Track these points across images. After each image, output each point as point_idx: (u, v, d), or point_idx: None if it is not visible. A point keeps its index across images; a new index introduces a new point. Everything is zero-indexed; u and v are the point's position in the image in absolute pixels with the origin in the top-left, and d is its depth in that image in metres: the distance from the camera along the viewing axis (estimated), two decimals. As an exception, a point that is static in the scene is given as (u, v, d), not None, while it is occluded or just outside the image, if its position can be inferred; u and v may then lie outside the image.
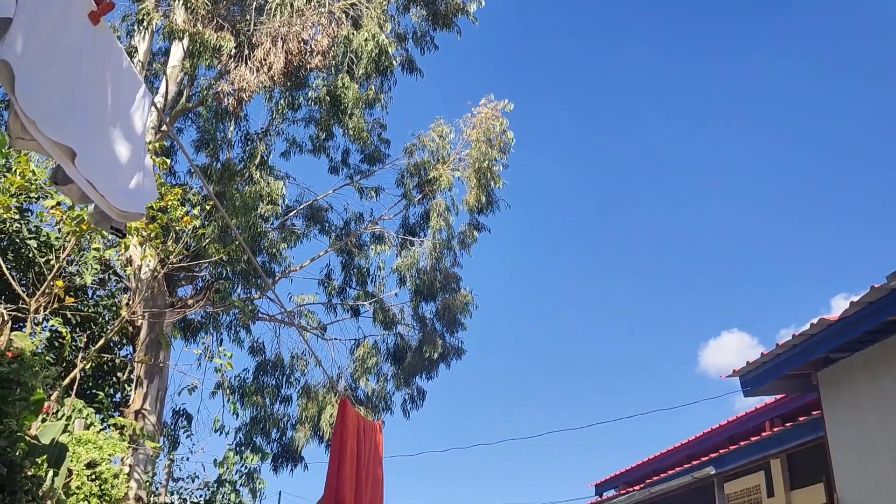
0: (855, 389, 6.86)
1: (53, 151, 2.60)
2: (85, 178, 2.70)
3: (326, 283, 17.22)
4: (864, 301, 6.21)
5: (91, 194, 2.76)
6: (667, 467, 12.79)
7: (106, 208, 2.90)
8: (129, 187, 2.96)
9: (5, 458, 4.67)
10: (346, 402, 6.52)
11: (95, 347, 10.10)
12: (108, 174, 2.84)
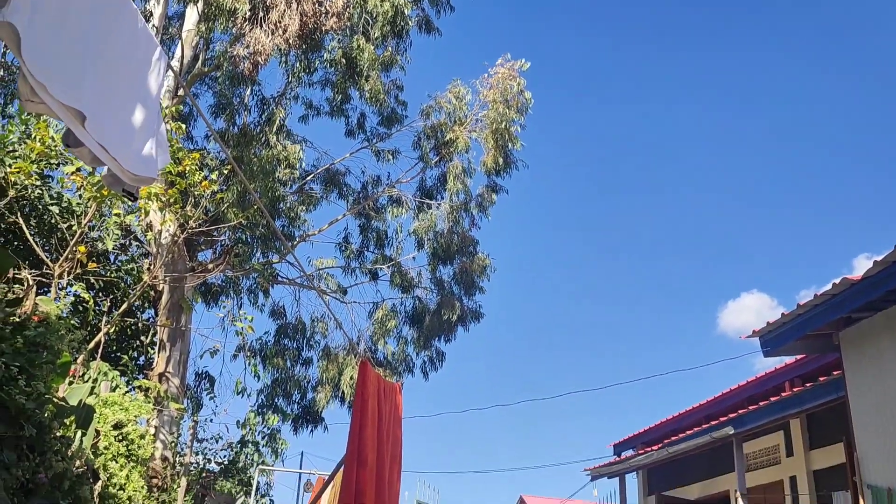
0: (877, 349, 6.82)
1: (63, 114, 2.59)
2: (97, 141, 2.70)
3: (344, 246, 17.28)
4: (888, 260, 6.14)
5: (103, 157, 2.76)
6: (685, 427, 12.84)
7: (118, 172, 2.89)
8: (142, 152, 2.95)
9: (34, 419, 4.76)
10: (366, 363, 6.57)
11: (119, 311, 10.23)
12: (121, 138, 2.83)
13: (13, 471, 4.41)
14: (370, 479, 6.04)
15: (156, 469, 10.95)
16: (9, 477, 4.32)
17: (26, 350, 4.88)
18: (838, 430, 9.60)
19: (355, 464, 5.99)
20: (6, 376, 4.51)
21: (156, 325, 12.42)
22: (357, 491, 5.91)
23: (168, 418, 11.60)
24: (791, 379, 10.98)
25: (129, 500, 7.74)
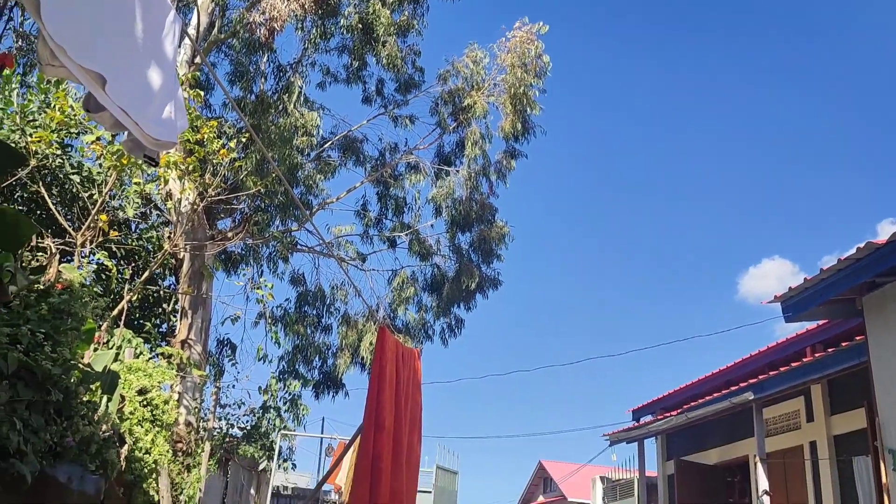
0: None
1: (83, 78, 2.59)
2: (117, 104, 2.70)
3: (363, 214, 17.30)
4: (914, 223, 6.05)
5: (124, 121, 2.76)
6: (704, 393, 12.83)
7: (139, 136, 2.89)
8: (161, 116, 2.95)
9: (61, 384, 4.84)
10: (385, 329, 6.60)
11: (141, 279, 10.34)
12: (140, 101, 2.82)
13: (42, 434, 4.50)
14: (387, 442, 6.10)
15: (180, 434, 11.14)
16: (37, 441, 4.41)
17: (51, 317, 4.95)
18: (860, 396, 9.55)
19: (373, 427, 6.05)
20: (32, 343, 4.58)
21: (177, 292, 12.54)
22: (374, 454, 5.98)
23: (191, 384, 11.76)
24: (812, 344, 10.91)
25: (154, 463, 7.90)
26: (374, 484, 5.90)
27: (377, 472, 5.94)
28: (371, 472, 5.92)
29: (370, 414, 6.08)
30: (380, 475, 5.94)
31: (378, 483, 5.92)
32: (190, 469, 11.16)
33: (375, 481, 5.90)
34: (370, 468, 5.94)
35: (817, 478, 10.89)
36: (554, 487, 49.00)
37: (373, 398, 6.15)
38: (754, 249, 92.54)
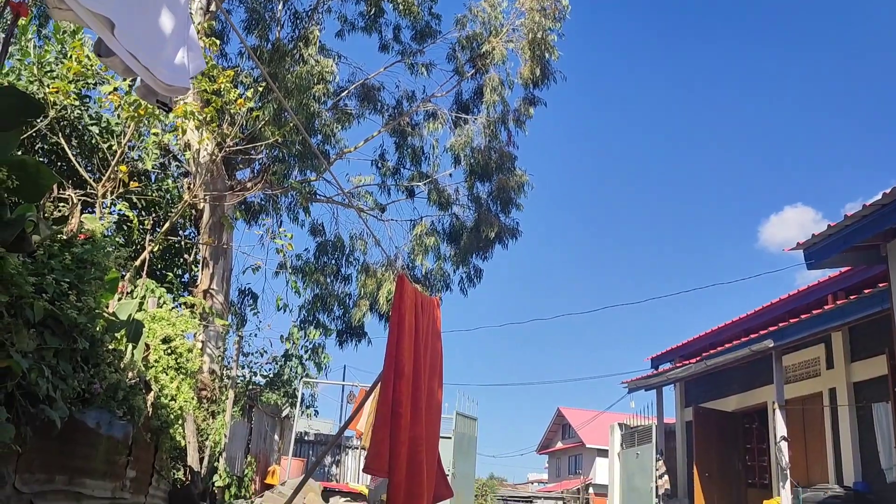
0: (925, 260, 6.66)
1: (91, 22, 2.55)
2: (126, 49, 2.66)
3: (381, 163, 17.23)
4: (943, 168, 5.92)
5: (134, 67, 2.73)
6: (724, 341, 12.82)
7: (151, 82, 2.86)
8: (173, 61, 2.91)
9: (87, 332, 4.92)
10: (404, 277, 6.62)
11: (162, 230, 10.42)
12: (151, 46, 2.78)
13: (69, 381, 4.60)
14: (406, 389, 6.17)
15: (204, 382, 11.36)
16: (66, 387, 4.51)
17: (75, 267, 5.01)
18: (881, 343, 9.51)
19: (392, 375, 6.12)
20: (58, 292, 4.65)
21: (198, 243, 12.65)
22: (394, 400, 6.06)
23: (214, 333, 11.95)
24: (834, 292, 10.82)
25: (180, 409, 8.07)
26: (394, 430, 5.99)
27: (396, 418, 6.03)
28: (391, 419, 6.02)
29: (390, 361, 6.15)
30: (399, 421, 6.03)
31: (397, 429, 6.02)
32: (215, 415, 11.41)
33: (395, 427, 6.00)
34: (390, 414, 6.03)
35: (836, 424, 10.92)
36: (572, 434, 49.70)
37: (392, 346, 6.20)
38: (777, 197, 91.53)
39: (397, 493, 6.06)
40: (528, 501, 37.16)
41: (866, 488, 9.65)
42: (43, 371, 4.19)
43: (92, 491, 5.65)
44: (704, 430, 13.91)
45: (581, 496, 35.13)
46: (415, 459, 6.24)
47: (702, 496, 13.35)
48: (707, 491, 13.37)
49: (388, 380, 6.13)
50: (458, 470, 15.80)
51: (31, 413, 4.14)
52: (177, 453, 9.20)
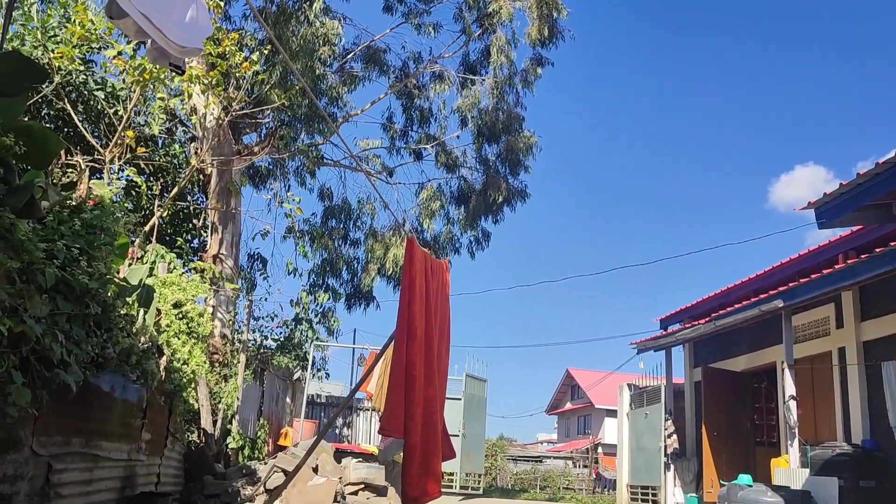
0: (939, 218, 6.60)
1: (103, -19, 2.53)
2: (139, 9, 2.63)
3: (388, 126, 17.13)
4: (958, 124, 5.83)
5: (147, 28, 2.70)
6: (733, 301, 12.81)
7: (163, 43, 2.84)
8: (184, 21, 2.88)
9: (98, 298, 4.95)
10: (413, 240, 6.62)
11: (170, 195, 10.43)
12: (162, 6, 2.75)
13: (83, 346, 4.64)
14: (419, 350, 6.22)
15: (216, 346, 11.46)
16: (80, 352, 4.56)
17: (85, 232, 5.02)
18: (892, 301, 9.49)
19: (405, 337, 6.15)
20: (68, 258, 4.67)
21: (206, 208, 12.67)
22: (408, 362, 6.10)
23: (224, 298, 12.02)
24: (845, 251, 10.77)
25: (192, 373, 8.16)
26: (409, 391, 6.05)
27: (411, 380, 6.08)
28: (405, 380, 6.07)
29: (402, 324, 6.18)
30: (413, 382, 6.08)
31: (412, 390, 6.07)
32: (227, 379, 11.53)
33: (409, 388, 6.05)
34: (404, 376, 6.08)
35: (845, 383, 10.94)
36: (581, 395, 50.10)
37: (404, 308, 6.23)
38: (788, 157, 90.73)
39: (413, 454, 6.13)
40: (538, 461, 37.65)
41: (874, 446, 9.71)
42: (56, 336, 4.23)
43: (108, 453, 5.74)
44: (713, 390, 13.99)
45: (590, 456, 35.53)
46: (430, 420, 6.31)
47: (710, 455, 13.47)
48: (715, 450, 13.49)
49: (400, 342, 6.17)
50: (468, 431, 15.98)
51: (47, 377, 4.19)
52: (190, 416, 9.33)
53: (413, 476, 6.15)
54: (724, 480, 11.95)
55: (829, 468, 9.27)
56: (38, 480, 4.27)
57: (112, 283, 5.43)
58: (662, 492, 14.38)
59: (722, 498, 9.06)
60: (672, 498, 14.38)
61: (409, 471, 6.14)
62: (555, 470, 32.51)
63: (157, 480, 7.46)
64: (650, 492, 14.81)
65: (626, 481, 16.18)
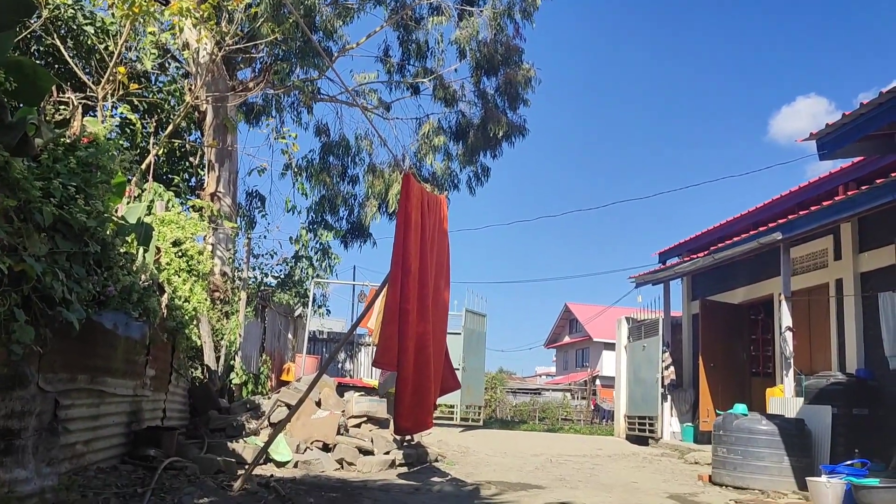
0: (941, 148, 6.54)
1: None
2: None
3: (384, 60, 16.83)
4: (965, 52, 5.72)
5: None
6: (732, 235, 12.80)
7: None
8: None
9: (97, 236, 4.95)
10: (410, 176, 6.59)
11: (165, 133, 10.33)
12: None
13: (84, 284, 4.66)
14: (413, 286, 6.27)
15: (216, 283, 11.52)
16: (81, 290, 4.58)
17: (80, 170, 4.98)
18: (890, 233, 9.49)
19: (400, 272, 6.19)
20: (65, 196, 4.65)
21: (203, 146, 12.55)
22: (402, 297, 6.16)
23: (223, 236, 12.02)
24: (845, 183, 10.71)
25: (194, 311, 8.23)
26: (402, 326, 6.12)
27: (404, 314, 6.14)
28: (398, 315, 6.13)
29: (397, 259, 6.21)
30: (407, 317, 6.15)
31: (405, 325, 6.14)
32: (228, 316, 11.63)
33: (403, 323, 6.12)
34: (398, 311, 6.14)
35: (841, 314, 11.04)
36: (579, 328, 50.70)
37: (399, 244, 6.25)
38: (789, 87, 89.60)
39: (405, 386, 6.24)
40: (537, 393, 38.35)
41: (868, 375, 9.86)
42: (57, 274, 4.24)
43: (114, 389, 5.84)
44: (710, 323, 14.13)
45: (588, 388, 36.18)
46: (422, 354, 6.39)
47: (706, 386, 13.70)
48: (712, 381, 13.71)
49: (395, 277, 6.20)
50: (467, 364, 16.21)
51: (50, 315, 4.22)
52: (193, 353, 9.45)
53: (405, 407, 6.29)
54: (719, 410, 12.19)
55: (823, 397, 9.43)
56: (45, 416, 4.35)
57: (110, 222, 5.42)
58: (659, 422, 14.68)
59: (717, 427, 9.24)
60: (668, 428, 14.70)
61: (402, 402, 6.27)
62: (553, 402, 33.15)
63: (164, 415, 7.60)
64: (647, 422, 15.13)
65: (624, 412, 16.51)
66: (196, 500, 5.22)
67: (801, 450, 8.80)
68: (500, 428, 18.75)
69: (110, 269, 5.48)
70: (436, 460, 9.91)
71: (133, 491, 5.06)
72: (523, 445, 13.20)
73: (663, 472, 10.29)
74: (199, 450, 7.18)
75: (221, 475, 6.44)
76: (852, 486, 6.51)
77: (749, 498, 7.70)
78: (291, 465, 7.92)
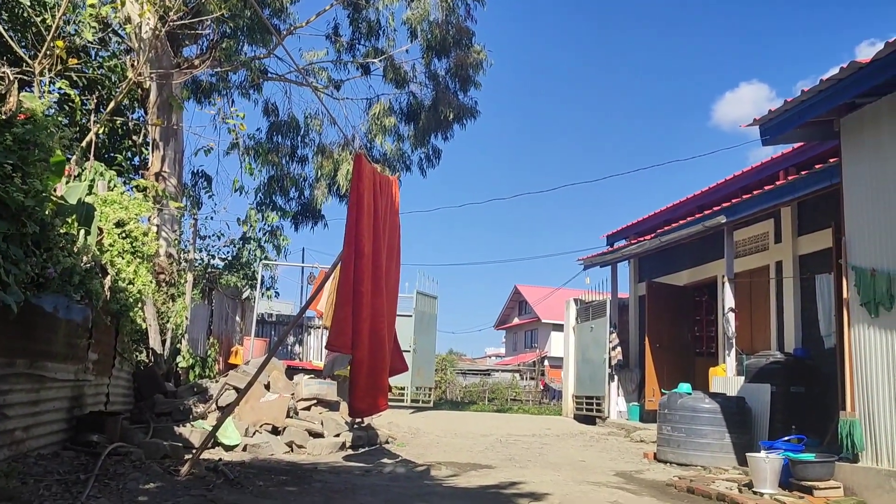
0: (877, 134, 6.74)
1: None
2: None
3: (334, 38, 16.61)
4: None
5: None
6: (678, 218, 13.06)
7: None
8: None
9: (36, 216, 4.79)
10: (362, 156, 6.53)
11: (107, 110, 10.02)
12: None
13: (22, 266, 4.51)
14: (367, 267, 6.23)
15: (162, 265, 11.28)
16: (19, 272, 4.42)
17: (17, 148, 4.80)
18: (828, 217, 9.79)
19: (353, 254, 6.15)
20: (1, 174, 4.48)
21: (147, 124, 12.22)
22: (355, 279, 6.12)
23: (169, 217, 11.76)
24: (786, 168, 11.01)
25: (139, 293, 8.04)
26: (356, 307, 6.08)
27: (358, 296, 6.11)
28: (352, 296, 6.09)
29: (350, 241, 6.16)
30: (360, 299, 6.12)
31: (359, 306, 6.11)
32: (175, 298, 11.41)
33: (357, 304, 6.08)
34: (351, 292, 6.10)
35: (780, 295, 11.38)
36: (528, 310, 51.21)
37: (352, 225, 6.20)
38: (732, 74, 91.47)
39: (360, 369, 6.22)
40: (486, 374, 38.66)
41: (805, 354, 10.20)
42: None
43: (55, 374, 5.68)
44: (657, 304, 14.42)
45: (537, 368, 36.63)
46: (376, 336, 6.38)
47: (652, 366, 14.00)
48: (657, 360, 14.01)
49: (348, 259, 6.16)
50: (418, 346, 16.24)
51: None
52: (138, 336, 9.25)
53: (360, 389, 6.27)
54: (664, 389, 12.47)
55: (763, 375, 9.73)
56: (-18, 402, 4.21)
57: (49, 201, 5.24)
58: (606, 401, 14.96)
59: (662, 406, 9.47)
60: (615, 407, 14.99)
61: (357, 384, 6.25)
62: (503, 382, 33.47)
63: (107, 400, 7.44)
64: (595, 402, 15.40)
65: (572, 392, 16.77)
66: (141, 485, 5.13)
67: (742, 427, 9.08)
68: (450, 409, 18.87)
69: (50, 250, 5.32)
70: (386, 442, 9.93)
71: (76, 478, 4.95)
72: (473, 426, 13.32)
73: (610, 451, 10.50)
74: (144, 434, 7.06)
75: (168, 460, 6.34)
76: (789, 460, 6.75)
77: (692, 474, 7.92)
78: (240, 449, 7.85)
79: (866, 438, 6.47)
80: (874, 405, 6.42)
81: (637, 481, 7.50)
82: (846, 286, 6.98)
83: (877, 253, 6.63)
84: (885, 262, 6.49)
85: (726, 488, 6.75)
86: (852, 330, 6.81)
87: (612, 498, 6.28)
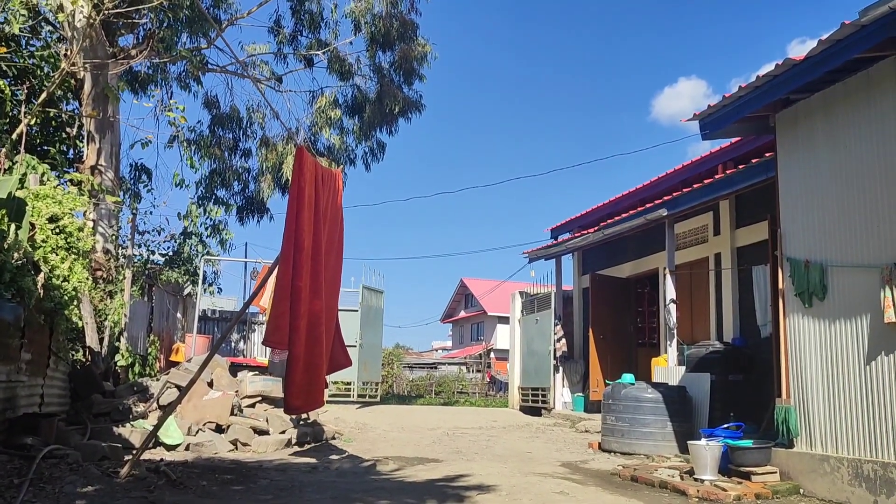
0: (810, 130, 6.95)
1: None
2: None
3: (276, 30, 16.34)
4: (833, 39, 6.06)
5: None
6: (620, 211, 13.27)
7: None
8: None
9: (-39, 211, 4.59)
10: (303, 149, 6.43)
11: (38, 101, 9.67)
12: None
13: (-53, 263, 4.31)
14: (306, 262, 6.14)
15: (99, 261, 10.95)
16: (-57, 269, 4.24)
17: (-60, 140, 4.59)
18: (764, 210, 10.05)
19: (292, 248, 6.05)
20: (-78, 168, 4.27)
21: (81, 116, 11.82)
22: (294, 274, 6.03)
23: (106, 211, 11.42)
24: (724, 162, 11.29)
25: (74, 290, 7.78)
26: (294, 303, 5.99)
27: (296, 292, 6.02)
28: (291, 292, 5.99)
29: (289, 235, 6.06)
30: (299, 294, 6.03)
31: (297, 302, 6.01)
32: (112, 295, 11.10)
33: (294, 301, 5.99)
34: (289, 288, 6.00)
35: (719, 286, 11.68)
36: (475, 303, 51.45)
37: (292, 220, 6.10)
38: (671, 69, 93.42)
39: (297, 365, 6.13)
40: (433, 368, 38.73)
41: (743, 343, 10.49)
42: (-85, 253, 3.90)
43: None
44: (600, 296, 14.63)
45: (483, 361, 36.85)
46: (314, 332, 6.29)
47: (596, 357, 14.21)
48: (601, 352, 14.24)
49: (287, 254, 6.06)
50: (365, 341, 16.15)
51: None
52: (74, 335, 8.97)
53: (296, 386, 6.18)
54: (608, 380, 12.68)
55: (703, 365, 9.97)
56: None
57: (-24, 196, 5.03)
58: (552, 392, 15.13)
59: (606, 396, 9.62)
60: (560, 398, 15.18)
61: (293, 381, 6.16)
62: (449, 376, 33.56)
63: (41, 401, 7.19)
64: (540, 393, 15.56)
65: (518, 384, 16.92)
66: (79, 488, 4.97)
67: (683, 415, 9.29)
68: (397, 403, 18.84)
69: (-23, 246, 5.10)
70: (333, 438, 9.86)
71: (9, 482, 4.77)
72: (420, 420, 13.32)
73: (556, 442, 10.63)
74: (81, 436, 6.85)
75: (107, 462, 6.16)
76: (728, 447, 6.93)
77: (635, 463, 8.07)
78: (183, 448, 7.68)
79: (801, 424, 6.69)
80: (808, 392, 6.64)
81: (583, 471, 7.61)
82: (781, 277, 7.20)
83: (810, 244, 6.84)
84: (819, 254, 6.71)
85: (668, 476, 6.89)
86: (787, 319, 7.02)
87: (559, 488, 6.35)
